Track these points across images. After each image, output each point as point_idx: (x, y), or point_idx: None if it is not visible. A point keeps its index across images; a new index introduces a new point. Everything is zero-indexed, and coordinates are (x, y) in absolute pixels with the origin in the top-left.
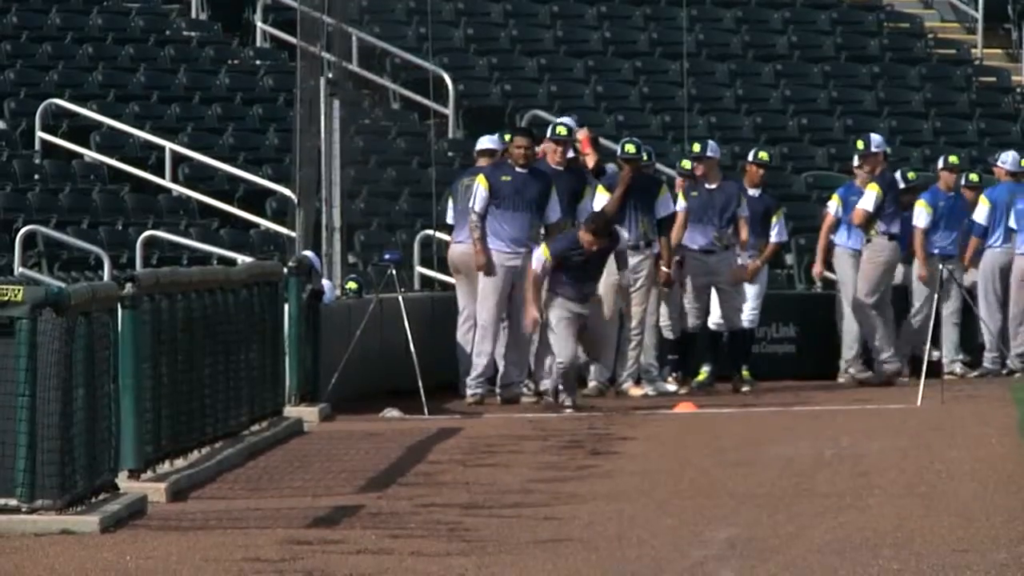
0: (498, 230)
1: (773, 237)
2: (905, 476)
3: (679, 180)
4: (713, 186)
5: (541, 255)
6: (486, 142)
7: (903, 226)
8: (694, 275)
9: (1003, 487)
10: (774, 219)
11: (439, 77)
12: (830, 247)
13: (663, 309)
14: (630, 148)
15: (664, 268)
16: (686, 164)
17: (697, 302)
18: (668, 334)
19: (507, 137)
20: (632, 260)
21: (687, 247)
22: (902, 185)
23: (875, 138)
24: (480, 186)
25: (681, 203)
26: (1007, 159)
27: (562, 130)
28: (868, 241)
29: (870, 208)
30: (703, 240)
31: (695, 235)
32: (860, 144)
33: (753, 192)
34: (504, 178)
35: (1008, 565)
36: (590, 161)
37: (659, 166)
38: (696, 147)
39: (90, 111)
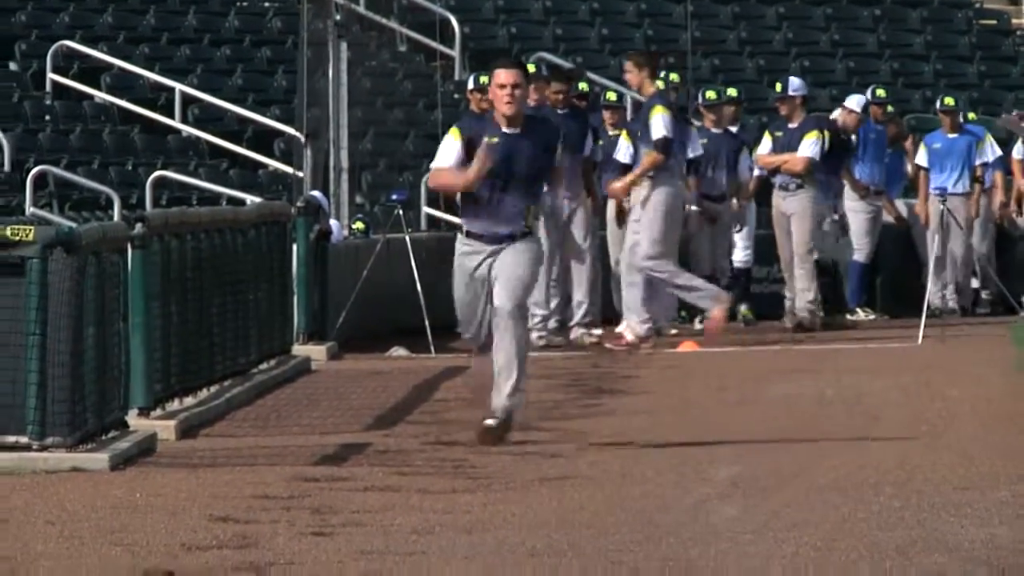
0: None
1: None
2: (906, 415)
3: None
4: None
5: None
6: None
7: (891, 165)
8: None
9: (1003, 425)
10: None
11: (445, 20)
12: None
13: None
14: (711, 94)
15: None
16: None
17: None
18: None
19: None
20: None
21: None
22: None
23: (794, 81)
24: None
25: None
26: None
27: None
28: (799, 188)
29: (814, 155)
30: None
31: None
32: (778, 86)
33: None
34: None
35: (1008, 503)
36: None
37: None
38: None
39: (100, 53)
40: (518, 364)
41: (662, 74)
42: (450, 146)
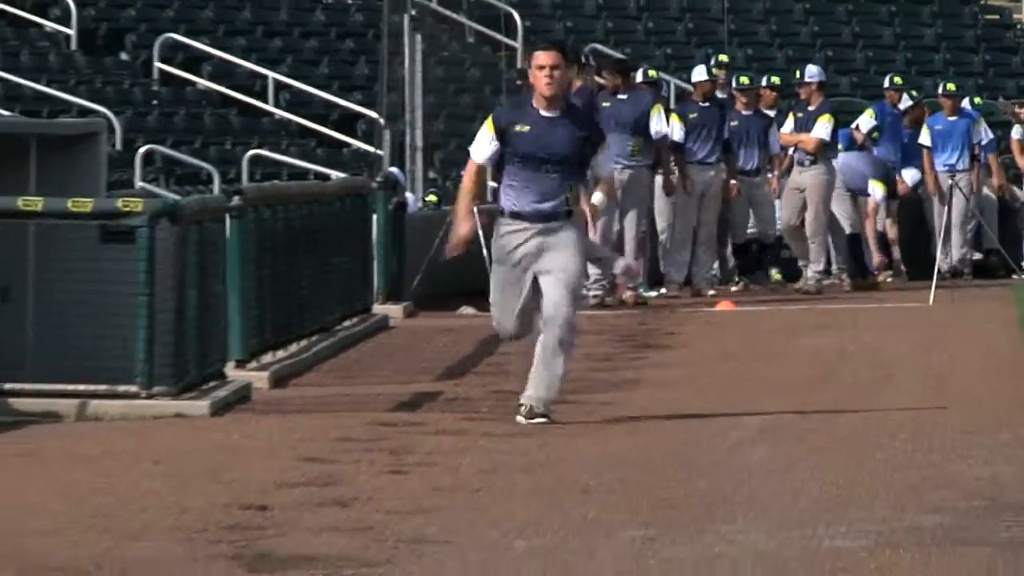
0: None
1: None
2: (919, 367)
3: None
4: (812, 108)
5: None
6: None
7: (906, 143)
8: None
9: (1006, 377)
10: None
11: (509, 14)
12: None
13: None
14: (744, 79)
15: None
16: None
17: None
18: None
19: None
20: (707, 174)
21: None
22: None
23: (811, 69)
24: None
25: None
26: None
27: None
28: (813, 164)
29: (826, 136)
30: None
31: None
32: (797, 73)
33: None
34: (604, 104)
35: (1009, 444)
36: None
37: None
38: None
39: (202, 44)
40: (563, 362)
41: (721, 58)
42: (483, 137)
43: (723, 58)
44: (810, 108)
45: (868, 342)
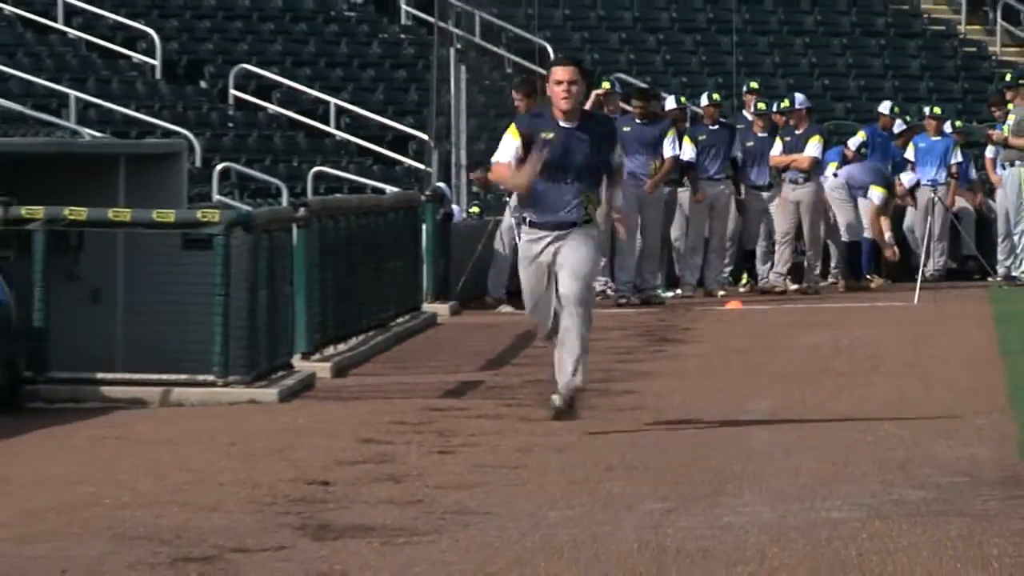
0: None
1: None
2: (905, 359)
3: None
4: (799, 131)
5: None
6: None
7: (899, 160)
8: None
9: (983, 368)
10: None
11: (543, 47)
12: None
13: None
14: (762, 105)
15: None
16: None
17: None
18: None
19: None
20: (717, 189)
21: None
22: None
23: (799, 97)
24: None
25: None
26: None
27: (762, 106)
28: (806, 181)
29: (818, 155)
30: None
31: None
32: (786, 102)
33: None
34: (625, 128)
35: (986, 428)
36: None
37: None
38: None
39: (272, 74)
40: (581, 344)
41: (752, 85)
42: (508, 143)
43: (753, 85)
44: (798, 132)
45: (860, 337)
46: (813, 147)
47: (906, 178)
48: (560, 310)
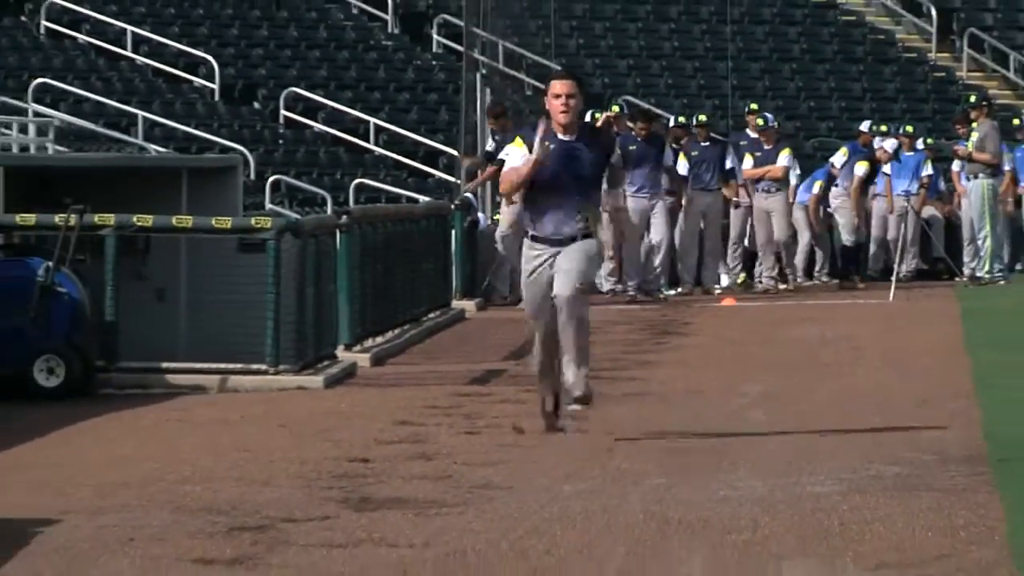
0: (634, 178)
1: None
2: (881, 350)
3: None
4: (769, 147)
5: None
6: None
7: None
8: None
9: (951, 358)
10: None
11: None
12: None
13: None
14: (761, 122)
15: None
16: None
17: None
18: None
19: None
20: (709, 198)
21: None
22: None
23: (769, 117)
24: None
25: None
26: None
27: (761, 122)
28: (777, 191)
29: (788, 164)
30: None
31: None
32: (761, 121)
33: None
34: (631, 147)
35: (954, 412)
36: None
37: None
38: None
39: (318, 96)
40: (579, 353)
41: (752, 106)
42: (515, 152)
43: (753, 106)
44: (767, 147)
45: (842, 331)
46: (784, 159)
47: (888, 144)
48: (558, 311)
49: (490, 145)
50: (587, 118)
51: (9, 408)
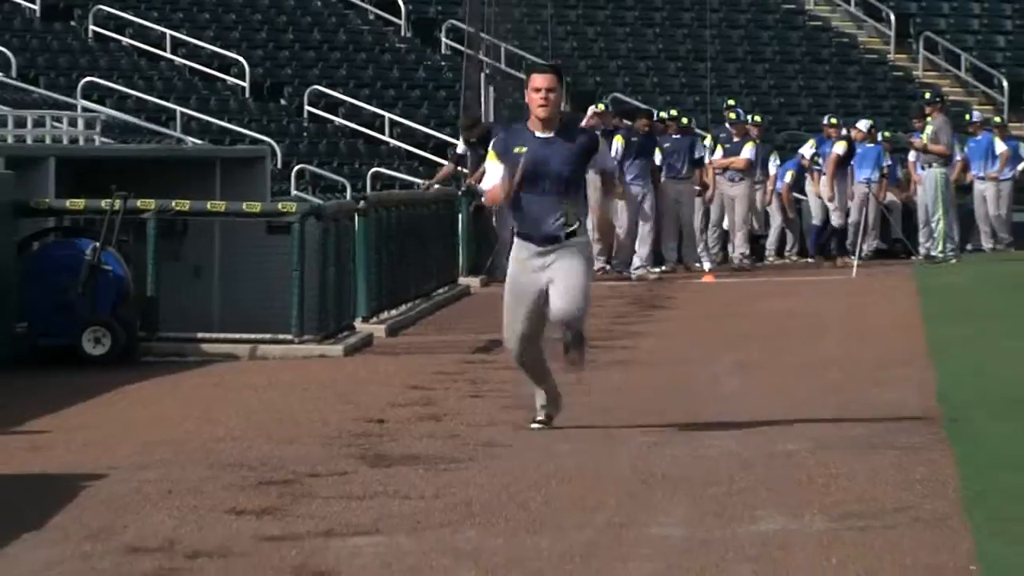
0: (632, 168)
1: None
2: (845, 322)
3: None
4: (737, 140)
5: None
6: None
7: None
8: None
9: (908, 329)
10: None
11: None
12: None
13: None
14: (732, 116)
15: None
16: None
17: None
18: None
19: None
20: (680, 186)
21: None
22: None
23: (740, 112)
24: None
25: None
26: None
27: (733, 116)
28: (741, 179)
29: (751, 157)
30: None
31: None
32: (733, 115)
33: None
34: (633, 139)
35: (912, 378)
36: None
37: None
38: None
39: (338, 93)
40: (574, 358)
41: (730, 102)
42: (491, 167)
43: (731, 102)
44: (736, 140)
45: (809, 304)
46: (748, 151)
47: (863, 124)
48: (552, 327)
49: (460, 148)
50: (589, 111)
51: (60, 374)
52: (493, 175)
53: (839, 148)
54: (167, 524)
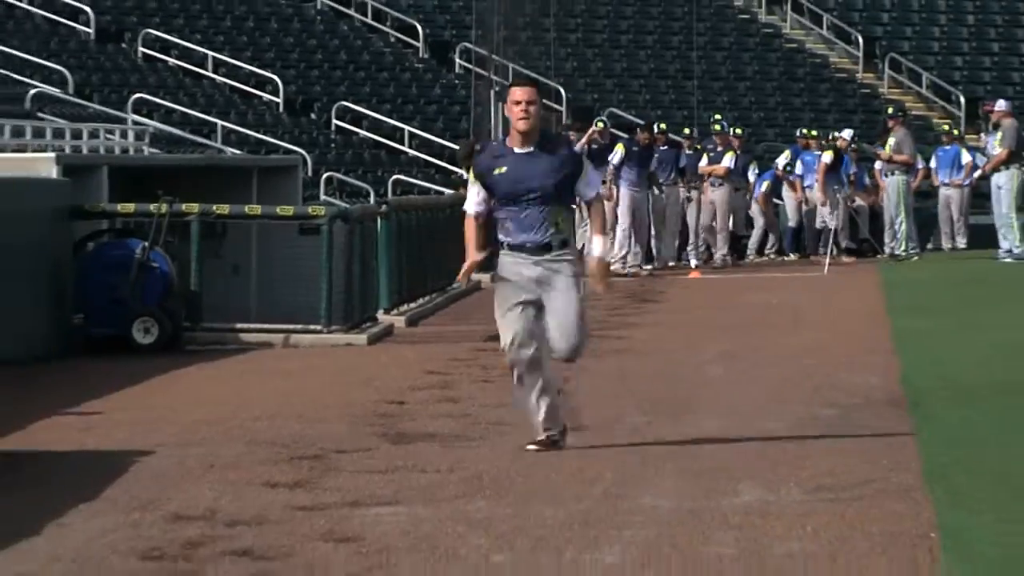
0: (627, 175)
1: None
2: (819, 314)
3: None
4: (720, 149)
5: None
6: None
7: (806, 171)
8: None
9: (874, 320)
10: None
11: (557, 89)
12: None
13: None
14: (717, 128)
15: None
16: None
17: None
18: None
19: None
20: (667, 190)
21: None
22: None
23: (724, 123)
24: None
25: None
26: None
27: (717, 128)
28: (721, 185)
29: (731, 165)
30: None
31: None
32: (717, 127)
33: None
34: (634, 148)
35: (878, 364)
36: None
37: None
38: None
39: (363, 108)
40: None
41: (716, 116)
42: (472, 191)
43: (717, 116)
44: (719, 149)
45: (786, 298)
46: (728, 159)
47: (847, 132)
48: (552, 357)
49: (464, 176)
50: (594, 126)
51: (112, 361)
52: (472, 199)
53: (826, 157)
54: (208, 495)
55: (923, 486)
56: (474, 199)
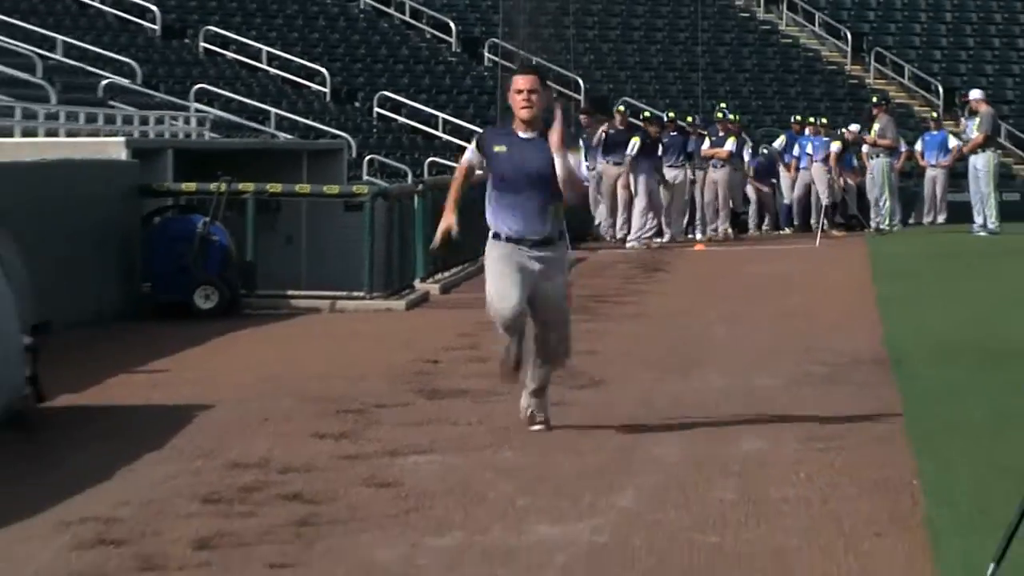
0: (642, 164)
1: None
2: (811, 283)
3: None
4: (722, 134)
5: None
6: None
7: (805, 151)
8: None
9: (861, 288)
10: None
11: (575, 79)
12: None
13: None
14: (719, 115)
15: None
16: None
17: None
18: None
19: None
20: (675, 172)
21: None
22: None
23: (725, 110)
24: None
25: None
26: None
27: (720, 115)
28: (723, 166)
29: (732, 149)
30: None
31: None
32: (720, 114)
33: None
34: (646, 140)
35: (864, 328)
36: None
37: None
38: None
39: (402, 97)
40: (560, 350)
41: (721, 105)
42: (468, 151)
43: (723, 104)
44: (721, 134)
45: (781, 268)
46: (730, 144)
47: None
48: (537, 359)
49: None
50: (616, 117)
51: (177, 325)
52: (465, 156)
53: (835, 147)
54: (263, 445)
55: (905, 438)
56: (469, 154)
